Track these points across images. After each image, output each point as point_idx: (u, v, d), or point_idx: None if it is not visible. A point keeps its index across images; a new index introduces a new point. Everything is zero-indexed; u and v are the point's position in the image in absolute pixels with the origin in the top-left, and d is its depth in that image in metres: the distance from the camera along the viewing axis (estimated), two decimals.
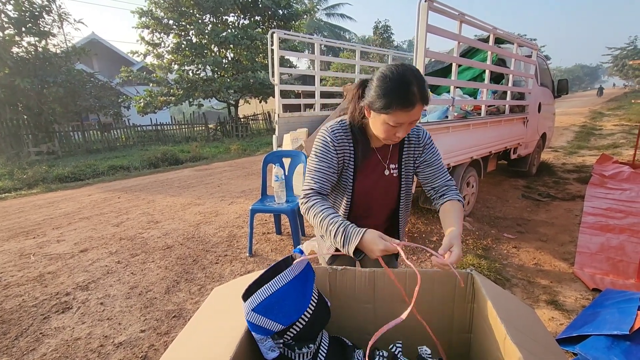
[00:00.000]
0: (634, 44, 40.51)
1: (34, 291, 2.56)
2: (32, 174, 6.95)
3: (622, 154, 6.71)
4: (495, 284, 1.19)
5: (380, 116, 1.04)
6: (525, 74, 4.26)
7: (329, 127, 1.19)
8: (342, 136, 1.18)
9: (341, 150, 1.18)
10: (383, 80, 1.01)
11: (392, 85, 0.99)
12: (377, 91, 1.02)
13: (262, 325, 0.86)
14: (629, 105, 18.18)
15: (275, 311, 0.86)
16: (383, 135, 1.08)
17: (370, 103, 1.05)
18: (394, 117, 1.01)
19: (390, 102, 0.99)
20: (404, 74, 0.99)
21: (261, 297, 0.86)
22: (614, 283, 2.38)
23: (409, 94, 0.98)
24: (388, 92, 1.00)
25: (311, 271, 0.98)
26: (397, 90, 0.99)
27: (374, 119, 1.08)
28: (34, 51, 10.52)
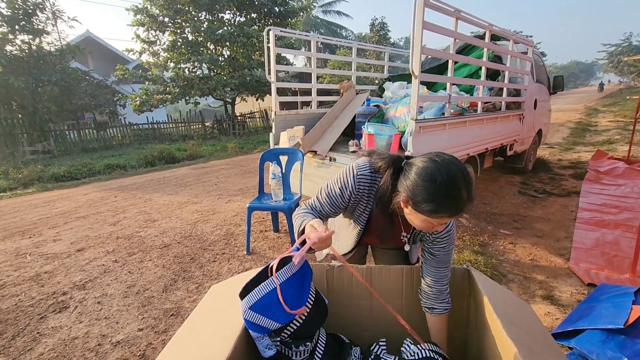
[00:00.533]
0: (629, 40, 40.65)
1: (30, 291, 2.55)
2: (28, 174, 6.89)
3: (617, 150, 6.76)
4: (492, 279, 1.20)
5: (421, 215, 0.94)
6: (521, 71, 4.27)
7: (358, 173, 1.10)
8: (366, 188, 1.11)
9: (357, 199, 1.14)
10: (431, 182, 0.89)
11: (442, 191, 0.88)
12: (422, 193, 0.90)
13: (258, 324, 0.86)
14: (624, 101, 18.30)
15: (272, 310, 0.86)
16: (421, 227, 1.01)
17: (413, 202, 0.94)
18: (438, 220, 0.93)
19: (439, 209, 0.90)
20: (454, 178, 0.88)
21: (258, 296, 0.86)
22: (608, 278, 2.41)
23: (459, 201, 0.89)
24: (437, 199, 0.89)
25: (309, 270, 0.98)
26: (447, 198, 0.89)
27: (413, 215, 0.97)
28: (27, 49, 10.39)
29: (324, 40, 4.88)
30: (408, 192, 0.94)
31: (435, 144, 2.89)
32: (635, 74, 37.02)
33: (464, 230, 3.32)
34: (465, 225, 3.44)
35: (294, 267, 0.91)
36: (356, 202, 1.15)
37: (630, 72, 38.97)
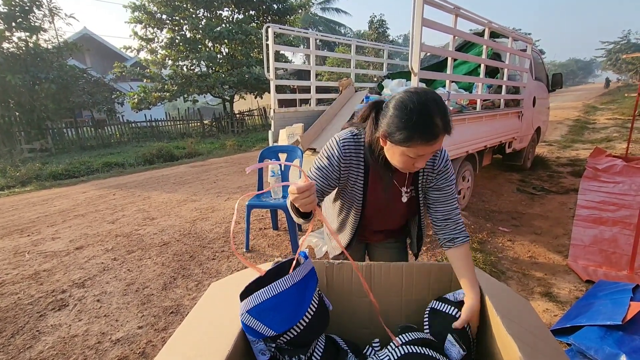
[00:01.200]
0: (627, 38, 40.68)
1: (29, 289, 2.54)
2: (25, 172, 6.87)
3: (615, 148, 6.78)
4: (491, 276, 1.21)
5: (398, 148, 0.95)
6: (520, 68, 4.27)
7: (341, 139, 1.11)
8: (352, 151, 1.11)
9: (347, 165, 1.12)
10: (402, 110, 0.91)
11: (414, 116, 0.89)
12: (395, 122, 0.92)
13: (254, 329, 0.86)
14: (622, 99, 18.32)
15: (269, 317, 0.84)
16: (401, 165, 1.01)
17: (388, 134, 0.95)
18: (414, 150, 0.92)
19: (412, 136, 0.90)
20: (426, 103, 0.89)
21: (257, 301, 0.85)
22: (607, 275, 2.42)
23: (432, 126, 0.89)
24: (409, 125, 0.89)
25: (313, 279, 0.96)
26: (419, 122, 0.89)
27: (391, 150, 0.99)
28: (24, 47, 10.34)
29: (323, 38, 4.87)
30: (384, 126, 0.96)
31: None
32: (634, 72, 37.05)
33: None
34: (464, 222, 3.45)
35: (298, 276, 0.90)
36: (347, 169, 1.13)
37: (629, 69, 39.01)
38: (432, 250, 2.91)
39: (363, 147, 1.11)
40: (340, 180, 1.15)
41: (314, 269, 0.98)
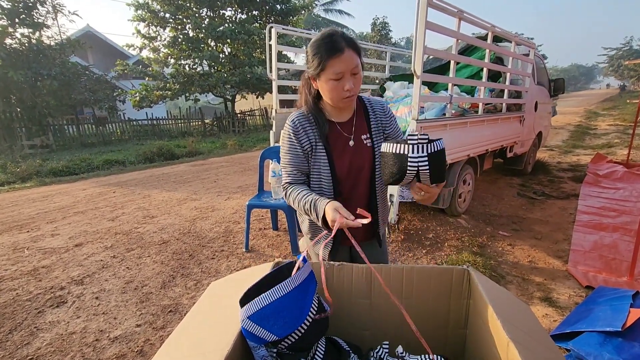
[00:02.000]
0: (629, 44, 40.72)
1: (28, 285, 2.54)
2: (26, 168, 6.87)
3: (617, 154, 6.78)
4: (491, 280, 1.20)
5: (322, 76, 1.09)
6: (523, 73, 4.27)
7: (289, 118, 1.24)
8: (304, 122, 1.22)
9: (304, 135, 1.21)
10: (311, 45, 1.11)
11: (318, 42, 1.08)
12: (310, 57, 1.11)
13: (256, 334, 0.85)
14: (624, 105, 18.33)
15: (270, 322, 0.84)
16: (333, 94, 1.12)
17: (311, 71, 1.12)
18: (331, 68, 1.06)
19: (321, 56, 1.06)
20: (325, 31, 1.10)
21: (258, 306, 0.85)
22: (606, 281, 2.41)
23: (333, 42, 1.05)
24: (317, 50, 1.08)
25: (313, 282, 0.96)
26: (322, 44, 1.07)
27: (321, 85, 1.13)
28: (27, 43, 10.35)
29: None
30: (308, 70, 1.14)
31: None
32: (635, 78, 37.08)
33: (462, 231, 3.33)
34: (465, 226, 3.45)
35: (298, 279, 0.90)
36: (306, 139, 1.22)
37: (631, 76, 39.05)
38: (432, 254, 2.91)
39: (313, 116, 1.23)
40: (305, 150, 1.23)
41: (312, 272, 0.98)
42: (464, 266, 1.24)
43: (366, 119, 1.29)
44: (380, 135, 1.32)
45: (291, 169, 1.23)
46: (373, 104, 1.31)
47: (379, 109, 1.31)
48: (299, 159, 1.22)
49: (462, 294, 1.23)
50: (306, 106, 1.23)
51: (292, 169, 1.23)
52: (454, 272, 1.23)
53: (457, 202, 3.59)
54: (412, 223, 3.51)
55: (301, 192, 1.17)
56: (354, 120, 1.27)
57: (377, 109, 1.31)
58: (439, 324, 1.22)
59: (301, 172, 1.24)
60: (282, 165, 1.26)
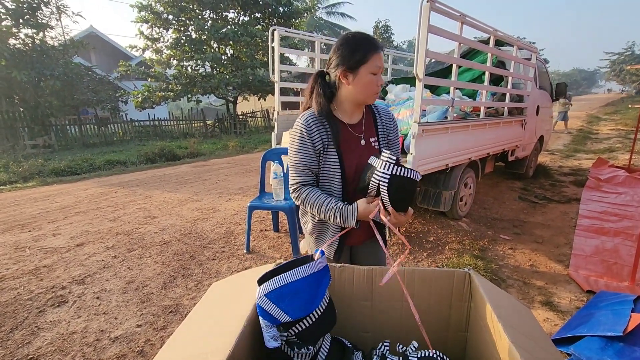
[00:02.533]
0: (631, 49, 40.73)
1: (29, 284, 2.55)
2: (28, 167, 6.89)
3: (618, 158, 6.77)
4: (492, 283, 1.20)
5: (361, 69, 1.14)
6: (524, 77, 4.28)
7: (301, 117, 1.24)
8: (316, 122, 1.22)
9: (317, 135, 1.21)
10: (347, 42, 1.15)
11: (358, 39, 1.14)
12: (347, 51, 1.14)
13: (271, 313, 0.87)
14: (626, 109, 18.32)
15: (286, 302, 0.87)
16: (369, 89, 1.17)
17: (347, 63, 1.14)
18: (373, 62, 1.13)
19: (366, 49, 1.12)
20: (358, 32, 1.18)
21: (276, 285, 0.87)
22: (608, 285, 2.41)
23: (372, 40, 1.15)
24: (359, 44, 1.13)
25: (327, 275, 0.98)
26: (364, 39, 1.14)
27: (357, 80, 1.16)
28: (31, 43, 10.41)
29: (328, 41, 4.88)
30: (339, 64, 1.16)
31: (438, 147, 2.89)
32: (637, 83, 37.05)
33: (464, 234, 3.33)
34: (466, 229, 3.44)
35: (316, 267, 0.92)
36: (318, 138, 1.21)
37: (633, 81, 39.01)
38: (432, 257, 2.90)
39: (324, 117, 1.23)
40: (317, 150, 1.23)
41: (327, 266, 1.00)
42: (465, 269, 1.25)
43: (374, 122, 1.32)
44: (385, 139, 1.35)
45: (302, 167, 1.23)
46: (380, 110, 1.35)
47: (385, 114, 1.35)
48: (310, 158, 1.22)
49: (463, 296, 1.23)
50: (317, 106, 1.22)
51: (304, 168, 1.23)
52: (455, 275, 1.23)
53: (458, 205, 3.58)
54: (413, 226, 3.51)
55: (320, 199, 1.20)
56: (363, 122, 1.29)
57: (384, 114, 1.35)
58: (440, 327, 1.22)
59: (312, 171, 1.24)
60: (292, 165, 1.25)
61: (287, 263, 0.96)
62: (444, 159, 3.03)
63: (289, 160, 1.27)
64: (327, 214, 1.18)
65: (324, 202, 1.19)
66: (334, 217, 1.17)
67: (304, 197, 1.23)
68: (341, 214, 1.16)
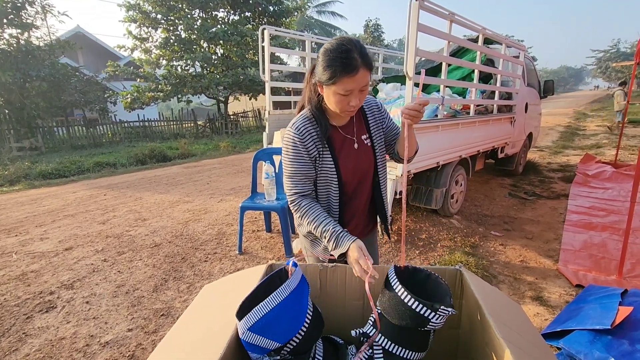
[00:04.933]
0: (617, 46, 41.53)
1: (16, 290, 2.49)
2: (14, 170, 6.75)
3: (605, 154, 6.89)
4: (483, 280, 1.21)
5: (330, 88, 1.07)
6: (513, 74, 4.32)
7: (292, 124, 1.21)
8: (309, 127, 1.19)
9: (311, 141, 1.19)
10: (325, 54, 1.05)
11: (333, 55, 1.03)
12: (322, 65, 1.05)
13: (258, 345, 0.83)
14: (612, 106, 18.65)
15: (272, 330, 0.83)
16: (338, 107, 1.10)
17: (320, 78, 1.08)
18: (341, 85, 1.04)
19: (335, 71, 1.02)
20: (342, 43, 1.04)
21: (257, 316, 0.82)
22: (596, 279, 2.45)
23: (350, 60, 1.01)
24: (331, 63, 1.03)
25: (306, 285, 0.96)
26: (338, 58, 1.02)
27: (326, 94, 1.10)
28: (16, 44, 10.18)
29: (319, 40, 4.88)
30: (316, 74, 1.09)
31: (428, 146, 2.91)
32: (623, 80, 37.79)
33: (455, 231, 3.35)
34: (457, 226, 3.47)
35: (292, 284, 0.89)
36: (312, 144, 1.19)
37: (618, 77, 39.76)
38: (425, 254, 2.92)
39: (315, 120, 1.20)
40: (312, 157, 1.20)
41: (304, 276, 0.98)
42: (456, 266, 1.25)
43: (364, 118, 1.30)
44: (380, 132, 1.33)
45: (299, 177, 1.20)
46: (367, 103, 1.32)
47: (374, 106, 1.33)
48: (306, 167, 1.20)
49: (454, 294, 1.24)
50: (310, 105, 1.21)
51: (301, 177, 1.20)
52: (447, 272, 1.24)
53: (449, 202, 3.61)
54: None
55: (319, 216, 1.16)
56: (354, 121, 1.28)
57: (373, 107, 1.33)
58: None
59: (309, 179, 1.22)
60: (288, 175, 1.21)
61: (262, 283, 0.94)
62: (434, 157, 3.05)
63: (285, 170, 1.23)
64: (323, 234, 1.14)
65: (323, 220, 1.15)
66: (329, 238, 1.13)
67: (303, 212, 1.19)
68: (337, 239, 1.11)
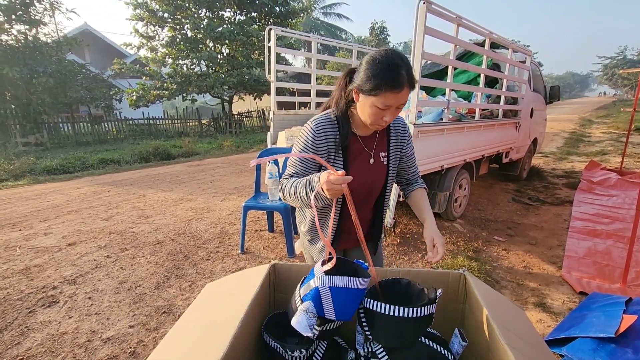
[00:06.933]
0: (623, 53, 41.32)
1: (19, 284, 2.51)
2: (19, 165, 6.80)
3: (610, 161, 6.85)
4: (486, 284, 1.20)
5: (369, 99, 1.04)
6: (519, 79, 4.31)
7: (313, 120, 1.19)
8: (327, 127, 1.17)
9: (324, 143, 1.17)
10: (372, 63, 1.02)
11: (382, 67, 1.00)
12: (366, 73, 1.02)
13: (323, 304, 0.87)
14: (618, 113, 18.55)
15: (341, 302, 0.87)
16: (371, 119, 1.08)
17: (360, 85, 1.05)
18: (382, 99, 1.02)
19: (380, 84, 1.00)
20: (393, 57, 1.01)
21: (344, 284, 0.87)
22: (600, 287, 2.43)
23: (398, 76, 0.99)
24: (377, 74, 1.00)
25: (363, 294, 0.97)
26: (386, 72, 1.00)
27: (362, 103, 1.08)
28: (23, 40, 10.27)
29: (324, 42, 4.89)
30: (357, 80, 1.06)
31: (433, 149, 2.90)
32: (629, 87, 37.58)
33: (458, 235, 3.34)
34: (460, 230, 3.46)
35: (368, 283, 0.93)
36: (324, 144, 1.16)
37: (624, 85, 39.57)
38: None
39: (336, 121, 1.18)
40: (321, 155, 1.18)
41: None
42: (460, 270, 1.25)
43: (387, 135, 1.27)
44: (398, 154, 1.30)
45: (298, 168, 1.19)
46: (395, 122, 1.28)
47: (401, 127, 1.29)
48: (307, 170, 1.18)
49: (457, 298, 1.23)
50: (335, 108, 1.17)
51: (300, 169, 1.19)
52: (450, 276, 1.23)
53: (452, 206, 3.60)
54: (408, 227, 3.52)
55: (295, 181, 1.13)
56: (376, 136, 1.24)
57: (400, 127, 1.29)
58: (434, 328, 1.22)
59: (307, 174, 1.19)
60: (290, 162, 1.21)
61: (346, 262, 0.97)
62: (439, 160, 3.04)
63: (290, 158, 1.21)
64: (299, 192, 1.08)
65: (297, 181, 1.11)
66: (306, 192, 1.06)
67: (284, 185, 1.17)
68: (310, 182, 1.05)
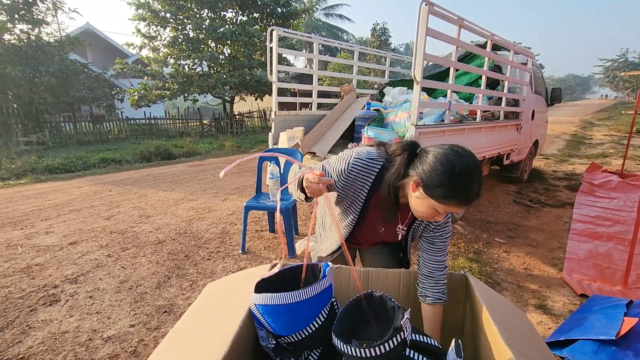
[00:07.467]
0: (625, 56, 41.26)
1: (20, 283, 2.51)
2: (21, 164, 6.82)
3: (611, 164, 6.84)
4: (488, 286, 1.21)
5: (430, 200, 0.96)
6: (521, 81, 4.31)
7: (354, 156, 1.12)
8: (361, 171, 1.11)
9: (349, 182, 1.13)
10: (449, 170, 0.91)
11: (458, 178, 0.91)
12: (439, 178, 0.92)
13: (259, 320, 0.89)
14: (619, 115, 18.53)
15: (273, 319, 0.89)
16: (423, 215, 1.02)
17: (426, 184, 0.95)
18: (446, 207, 0.95)
19: (450, 196, 0.92)
20: (471, 169, 0.92)
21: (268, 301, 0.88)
22: (601, 289, 2.43)
23: (472, 193, 0.92)
24: (452, 184, 0.91)
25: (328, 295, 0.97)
26: (462, 186, 0.92)
27: (421, 199, 0.98)
28: (26, 39, 10.29)
29: (326, 43, 4.89)
30: (423, 175, 0.96)
31: None
32: (630, 90, 37.54)
33: (459, 237, 3.34)
34: (461, 232, 3.46)
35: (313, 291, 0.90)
36: (350, 185, 1.14)
37: (626, 87, 39.52)
38: None
39: (375, 173, 1.12)
40: (340, 189, 1.16)
41: (331, 286, 0.99)
42: (461, 272, 1.25)
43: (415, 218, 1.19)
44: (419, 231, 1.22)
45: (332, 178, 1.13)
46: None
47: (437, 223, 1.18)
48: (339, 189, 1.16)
49: (459, 299, 1.23)
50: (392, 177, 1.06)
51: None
52: (452, 277, 1.24)
53: None
54: None
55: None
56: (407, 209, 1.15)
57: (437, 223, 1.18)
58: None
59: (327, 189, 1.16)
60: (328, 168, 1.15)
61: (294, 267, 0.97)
62: None
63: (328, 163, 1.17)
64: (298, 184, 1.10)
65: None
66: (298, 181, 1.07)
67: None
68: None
